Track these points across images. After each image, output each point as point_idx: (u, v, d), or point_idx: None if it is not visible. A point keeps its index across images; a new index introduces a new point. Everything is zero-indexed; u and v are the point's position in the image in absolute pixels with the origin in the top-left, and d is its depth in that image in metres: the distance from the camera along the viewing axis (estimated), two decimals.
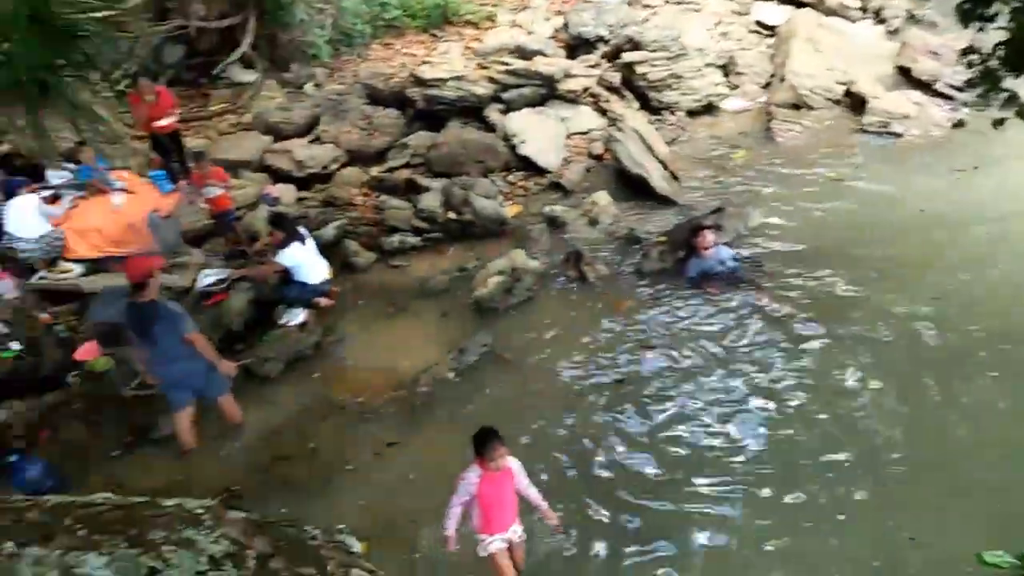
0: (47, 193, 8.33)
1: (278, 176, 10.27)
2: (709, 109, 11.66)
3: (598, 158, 10.52)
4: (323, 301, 7.93)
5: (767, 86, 12.01)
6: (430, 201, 9.27)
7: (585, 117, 11.28)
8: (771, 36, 12.92)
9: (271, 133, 11.17)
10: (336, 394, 6.80)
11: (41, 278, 7.94)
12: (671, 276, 7.95)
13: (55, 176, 8.83)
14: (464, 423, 6.14)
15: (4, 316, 7.11)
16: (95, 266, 8.15)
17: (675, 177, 9.85)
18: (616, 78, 11.72)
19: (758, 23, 13.21)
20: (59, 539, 2.36)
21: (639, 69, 11.60)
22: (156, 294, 5.81)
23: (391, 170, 10.51)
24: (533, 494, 4.63)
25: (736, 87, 12.08)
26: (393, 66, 13.05)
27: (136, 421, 6.64)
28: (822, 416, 6.00)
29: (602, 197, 9.38)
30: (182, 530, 2.43)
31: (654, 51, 11.78)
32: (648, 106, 11.57)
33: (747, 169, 10.04)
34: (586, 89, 11.58)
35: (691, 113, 11.55)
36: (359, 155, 10.84)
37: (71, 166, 8.78)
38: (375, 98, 11.85)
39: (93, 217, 8.36)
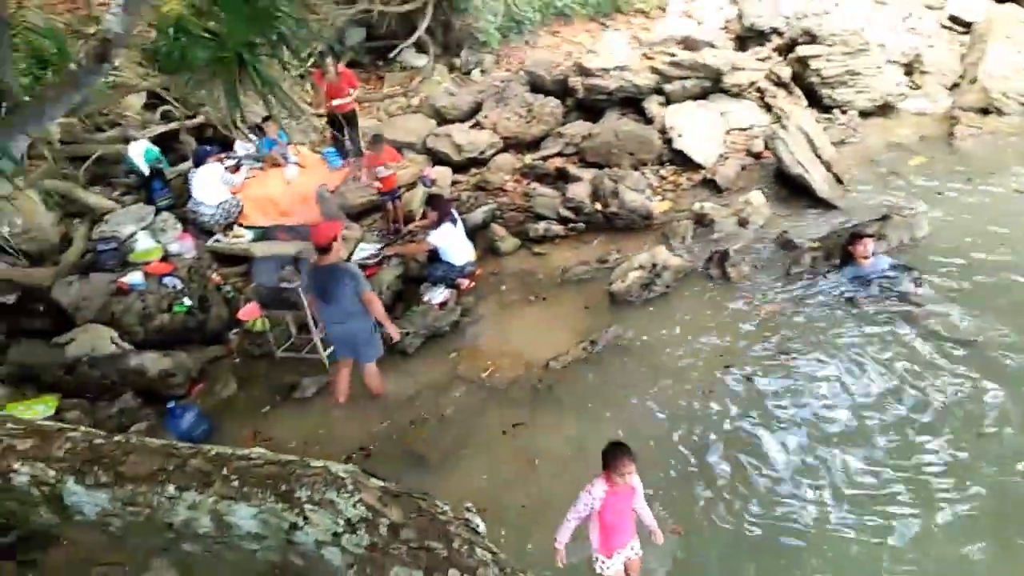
0: (230, 163, 9.17)
1: (437, 159, 10.70)
2: (885, 110, 10.90)
3: (757, 156, 10.14)
4: (465, 282, 8.23)
5: (954, 88, 11.07)
6: (579, 191, 9.34)
7: (748, 112, 10.90)
8: (965, 33, 11.84)
9: (436, 117, 11.64)
10: (468, 372, 7.02)
11: (216, 241, 8.74)
12: (822, 283, 7.56)
13: (241, 147, 9.70)
14: (588, 413, 6.27)
15: (181, 274, 7.93)
16: (264, 233, 8.90)
17: (840, 181, 9.31)
18: (786, 73, 11.20)
19: (952, 18, 12.14)
20: (215, 487, 2.57)
21: (813, 64, 11.04)
22: (338, 257, 6.24)
23: (544, 158, 10.69)
24: (648, 514, 4.51)
25: (918, 87, 11.21)
26: (558, 54, 13.17)
27: (283, 381, 7.18)
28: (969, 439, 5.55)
29: (756, 197, 9.05)
30: (325, 491, 2.56)
31: (831, 45, 11.17)
32: (818, 103, 11.00)
33: (921, 176, 9.31)
34: (752, 83, 11.18)
35: (864, 113, 10.85)
36: (515, 142, 11.09)
37: (254, 139, 9.61)
38: (537, 86, 12.04)
39: (268, 187, 9.12)
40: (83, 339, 7.11)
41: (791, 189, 9.30)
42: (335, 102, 9.80)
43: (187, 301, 7.71)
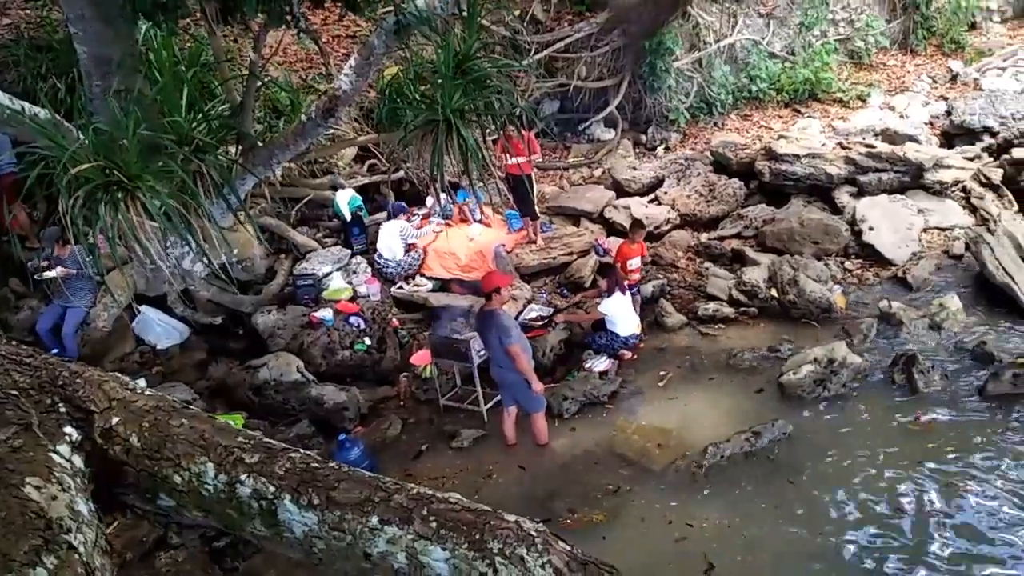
0: (417, 217, 9.78)
1: (613, 230, 10.83)
2: None
3: (956, 258, 9.49)
4: (627, 354, 8.24)
5: None
6: (754, 275, 9.13)
7: (949, 212, 10.27)
8: None
9: (616, 189, 11.79)
10: (620, 446, 6.94)
11: (399, 288, 9.30)
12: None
13: (431, 202, 10.34)
14: (742, 510, 5.94)
15: (365, 315, 8.51)
16: (442, 285, 9.37)
17: None
18: (997, 174, 10.47)
19: None
20: (414, 525, 2.60)
21: None
22: (499, 306, 6.55)
23: (721, 238, 10.57)
24: None
25: None
26: (747, 137, 13.03)
27: (443, 428, 7.46)
28: None
29: (952, 302, 8.40)
30: (516, 546, 2.53)
31: None
32: None
33: None
34: (958, 182, 10.56)
35: None
36: (692, 220, 11.07)
37: (446, 197, 10.19)
38: (721, 166, 11.98)
39: (452, 242, 9.64)
40: (273, 365, 7.73)
41: (993, 298, 8.57)
42: (511, 161, 10.01)
43: (367, 341, 8.25)
